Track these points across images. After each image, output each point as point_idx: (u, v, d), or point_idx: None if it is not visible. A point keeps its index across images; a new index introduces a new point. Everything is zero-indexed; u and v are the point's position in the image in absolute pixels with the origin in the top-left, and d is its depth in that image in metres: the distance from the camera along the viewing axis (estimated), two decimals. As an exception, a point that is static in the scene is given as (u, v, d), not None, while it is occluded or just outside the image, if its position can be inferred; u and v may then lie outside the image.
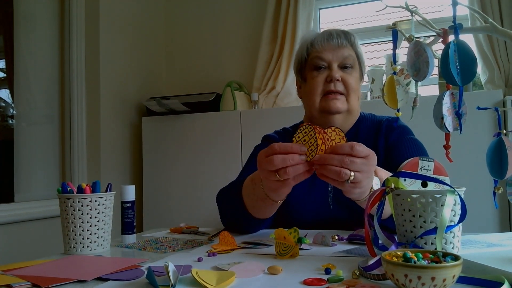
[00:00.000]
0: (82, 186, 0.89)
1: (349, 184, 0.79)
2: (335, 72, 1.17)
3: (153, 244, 0.94)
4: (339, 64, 1.19)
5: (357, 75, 1.22)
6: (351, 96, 1.18)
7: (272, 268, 0.65)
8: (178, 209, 2.40)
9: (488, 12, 2.04)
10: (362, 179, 0.81)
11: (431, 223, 0.65)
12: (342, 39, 1.20)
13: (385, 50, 2.72)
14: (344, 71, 1.19)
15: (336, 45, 1.19)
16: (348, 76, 1.18)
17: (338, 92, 1.17)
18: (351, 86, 1.17)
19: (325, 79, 1.18)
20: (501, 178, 0.70)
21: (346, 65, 1.19)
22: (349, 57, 1.19)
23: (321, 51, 1.20)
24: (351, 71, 1.19)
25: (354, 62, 1.20)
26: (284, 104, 2.41)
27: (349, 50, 1.20)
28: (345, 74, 1.18)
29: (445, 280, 0.50)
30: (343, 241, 0.91)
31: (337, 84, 1.17)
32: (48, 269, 0.72)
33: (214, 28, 2.79)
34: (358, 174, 0.80)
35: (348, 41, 1.21)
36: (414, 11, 0.75)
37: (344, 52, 1.19)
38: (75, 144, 2.25)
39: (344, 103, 1.18)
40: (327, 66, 1.19)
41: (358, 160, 0.80)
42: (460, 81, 0.65)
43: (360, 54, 1.23)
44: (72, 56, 2.26)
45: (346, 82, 1.18)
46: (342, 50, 1.19)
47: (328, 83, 1.17)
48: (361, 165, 0.80)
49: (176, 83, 2.87)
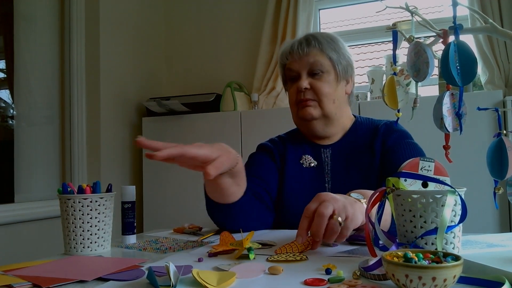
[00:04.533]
0: (83, 186, 0.89)
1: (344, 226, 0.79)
2: (302, 82, 1.19)
3: (153, 245, 0.94)
4: (308, 71, 1.20)
5: (331, 78, 1.20)
6: (323, 102, 1.19)
7: (273, 269, 0.65)
8: (178, 209, 2.40)
9: (488, 12, 2.04)
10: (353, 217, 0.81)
11: (432, 223, 0.65)
12: (304, 47, 1.20)
13: (385, 51, 2.72)
14: (314, 77, 1.19)
15: (302, 53, 1.20)
16: (317, 82, 1.19)
17: (307, 99, 1.19)
18: (321, 92, 1.18)
19: (297, 89, 1.20)
20: (501, 178, 0.70)
21: (314, 71, 1.19)
22: (316, 62, 1.18)
23: (290, 62, 1.22)
24: (320, 76, 1.19)
25: (323, 67, 1.19)
26: (284, 105, 2.41)
27: (315, 56, 1.19)
28: (314, 80, 1.19)
29: (446, 280, 0.50)
30: (344, 242, 0.91)
31: (306, 93, 1.19)
32: (48, 270, 0.72)
33: (214, 28, 2.79)
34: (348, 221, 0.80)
35: (312, 47, 1.20)
36: (414, 12, 0.75)
37: (309, 59, 1.19)
38: (75, 144, 2.25)
39: (316, 108, 1.19)
40: (297, 75, 1.21)
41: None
42: (460, 82, 0.65)
43: (333, 57, 1.20)
44: (72, 56, 2.26)
45: (316, 89, 1.18)
46: (307, 57, 1.19)
47: (299, 93, 1.20)
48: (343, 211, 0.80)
49: (176, 84, 2.87)
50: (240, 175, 1.00)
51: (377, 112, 1.38)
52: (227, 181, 0.97)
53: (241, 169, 0.99)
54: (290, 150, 1.27)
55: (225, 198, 1.02)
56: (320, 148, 1.24)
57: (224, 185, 0.98)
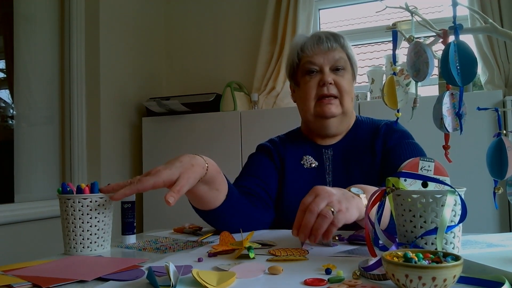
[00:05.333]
0: (81, 186, 0.89)
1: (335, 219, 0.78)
2: (327, 76, 1.17)
3: (153, 245, 0.94)
4: (330, 67, 1.19)
5: (349, 76, 1.22)
6: (344, 99, 1.19)
7: (273, 269, 0.65)
8: (178, 209, 2.39)
9: (488, 12, 2.04)
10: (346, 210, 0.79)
11: (432, 223, 0.65)
12: (332, 42, 1.20)
13: (385, 51, 2.72)
14: (336, 73, 1.19)
15: (327, 49, 1.19)
16: (340, 79, 1.19)
17: (331, 95, 1.18)
18: (344, 89, 1.18)
19: (317, 83, 1.19)
20: (501, 178, 0.70)
21: (338, 67, 1.19)
22: (340, 59, 1.19)
23: (312, 55, 1.20)
24: (343, 73, 1.19)
25: (345, 64, 1.20)
26: (284, 105, 2.42)
27: (339, 52, 1.20)
28: (337, 76, 1.19)
29: (446, 280, 0.50)
30: (344, 242, 0.91)
31: (330, 88, 1.17)
32: (48, 270, 0.72)
33: (214, 28, 2.79)
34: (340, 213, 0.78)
35: (338, 44, 1.21)
36: (414, 12, 0.75)
37: (335, 55, 1.19)
38: (75, 144, 2.25)
39: (338, 106, 1.19)
40: (319, 70, 1.19)
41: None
42: (460, 82, 0.65)
43: (351, 56, 1.22)
44: (72, 57, 2.26)
45: (339, 85, 1.18)
46: (333, 53, 1.19)
47: (321, 87, 1.18)
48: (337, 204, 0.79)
49: (176, 84, 2.87)
50: (215, 180, 0.95)
51: (377, 112, 1.38)
52: (202, 188, 0.94)
53: (215, 173, 0.94)
54: (290, 151, 1.26)
55: (207, 204, 0.99)
56: (322, 149, 1.24)
57: (200, 193, 0.95)
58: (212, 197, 0.98)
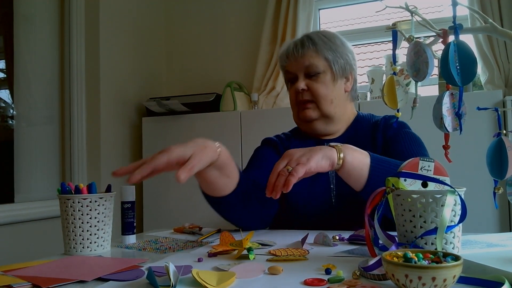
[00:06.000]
0: (80, 186, 0.89)
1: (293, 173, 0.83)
2: (299, 83, 1.21)
3: (153, 245, 0.94)
4: (304, 73, 1.21)
5: (327, 79, 1.21)
6: (320, 103, 1.20)
7: (273, 269, 0.65)
8: (178, 209, 2.40)
9: (488, 12, 2.04)
10: (306, 161, 0.85)
11: (431, 223, 0.65)
12: (299, 49, 1.21)
13: (385, 51, 2.72)
14: (311, 79, 1.21)
15: (297, 55, 1.21)
16: (313, 84, 1.20)
17: (306, 101, 1.21)
18: (317, 93, 1.20)
19: (295, 90, 1.22)
20: (501, 178, 0.70)
21: (310, 73, 1.21)
22: (310, 65, 1.20)
23: (288, 64, 1.24)
24: (317, 77, 1.20)
25: (319, 68, 1.20)
26: (284, 105, 2.41)
27: (311, 57, 1.20)
28: (311, 82, 1.21)
29: (446, 280, 0.50)
30: (344, 242, 0.91)
31: (304, 94, 1.21)
32: (48, 270, 0.72)
33: (214, 28, 2.79)
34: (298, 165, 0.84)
35: (306, 48, 1.21)
36: (414, 12, 0.75)
37: (305, 61, 1.20)
38: (75, 144, 2.25)
39: (315, 110, 1.21)
40: (295, 77, 1.23)
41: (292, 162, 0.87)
42: (460, 82, 0.65)
43: (329, 57, 1.20)
44: (72, 56, 2.26)
45: (312, 90, 1.20)
46: (303, 59, 1.21)
47: (297, 94, 1.22)
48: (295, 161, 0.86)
49: (176, 84, 2.87)
50: (227, 166, 0.97)
51: (377, 112, 1.38)
52: (213, 173, 0.95)
53: (227, 160, 0.96)
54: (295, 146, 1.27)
55: (217, 191, 1.00)
56: (324, 143, 1.25)
57: (211, 178, 0.96)
58: (223, 183, 0.99)
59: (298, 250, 0.79)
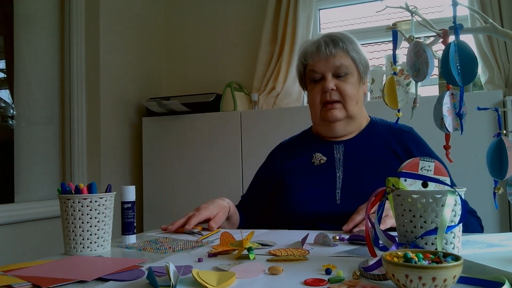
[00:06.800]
0: (80, 186, 0.89)
1: None
2: (328, 83, 1.21)
3: (153, 245, 0.94)
4: (333, 73, 1.22)
5: (354, 80, 1.23)
6: (348, 103, 1.21)
7: (273, 269, 0.65)
8: (178, 209, 2.39)
9: (488, 12, 2.04)
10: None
11: (432, 223, 0.65)
12: (331, 48, 1.21)
13: (385, 51, 2.72)
14: (339, 79, 1.22)
15: (326, 56, 1.21)
16: (342, 84, 1.21)
17: (334, 101, 1.21)
18: (346, 93, 1.21)
19: (321, 90, 1.22)
20: (501, 178, 0.70)
21: (339, 74, 1.21)
22: (341, 65, 1.21)
23: (314, 63, 1.24)
24: (345, 78, 1.21)
25: (348, 69, 1.21)
26: (284, 105, 2.41)
27: (340, 57, 1.21)
28: (339, 82, 1.21)
29: (446, 280, 0.50)
30: (344, 242, 0.91)
31: (332, 94, 1.21)
32: (48, 270, 0.72)
33: (214, 28, 2.79)
34: None
35: (339, 48, 1.22)
36: (414, 12, 0.75)
37: (335, 62, 1.21)
38: (75, 144, 2.25)
39: (341, 110, 1.22)
40: (321, 77, 1.23)
41: None
42: (460, 82, 0.65)
43: (356, 59, 1.23)
44: (72, 56, 2.26)
45: (341, 90, 1.21)
46: (333, 59, 1.21)
47: (324, 93, 1.22)
48: None
49: (176, 84, 2.87)
50: (233, 217, 1.24)
51: (377, 112, 1.38)
52: (224, 223, 1.21)
53: (233, 212, 1.24)
54: (299, 153, 1.30)
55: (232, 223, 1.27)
56: (332, 144, 1.27)
57: (222, 225, 1.20)
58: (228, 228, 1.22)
59: (298, 250, 0.79)
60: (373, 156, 1.22)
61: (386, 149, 1.23)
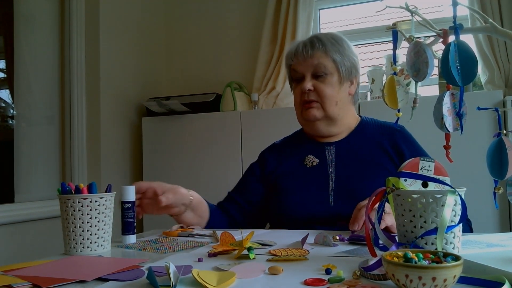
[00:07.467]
0: (80, 186, 0.89)
1: None
2: (306, 83, 1.22)
3: (153, 245, 0.94)
4: (312, 73, 1.22)
5: (334, 80, 1.22)
6: (325, 103, 1.22)
7: (273, 269, 0.65)
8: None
9: (488, 12, 2.04)
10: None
11: (432, 223, 0.65)
12: (308, 49, 1.22)
13: (385, 51, 2.72)
14: (317, 79, 1.22)
15: (306, 56, 1.22)
16: (320, 85, 1.22)
17: (311, 101, 1.22)
18: (323, 94, 1.21)
19: (301, 90, 1.23)
20: (501, 178, 0.70)
21: (317, 73, 1.22)
22: (319, 65, 1.21)
23: (295, 63, 1.25)
24: (324, 78, 1.22)
25: (327, 69, 1.21)
26: (284, 105, 2.41)
27: (319, 58, 1.21)
28: (317, 82, 1.22)
29: (446, 280, 0.50)
30: (344, 242, 0.91)
31: (310, 94, 1.22)
32: (48, 270, 0.72)
33: (214, 28, 2.79)
34: None
35: (318, 50, 1.22)
36: (414, 12, 0.75)
37: (313, 62, 1.21)
38: (75, 144, 2.25)
39: (319, 110, 1.23)
40: (302, 77, 1.24)
41: None
42: (460, 82, 0.65)
43: (337, 59, 1.22)
44: (72, 57, 2.26)
45: (319, 91, 1.21)
46: (311, 60, 1.22)
47: (303, 93, 1.23)
48: None
49: (176, 84, 2.87)
50: (199, 208, 1.18)
51: (377, 112, 1.38)
52: (189, 215, 1.16)
53: (198, 203, 1.18)
54: (292, 154, 1.30)
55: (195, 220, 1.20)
56: (324, 146, 1.26)
57: (187, 219, 1.16)
58: (196, 222, 1.18)
59: (298, 250, 0.79)
60: (364, 156, 1.22)
61: (377, 149, 1.23)
